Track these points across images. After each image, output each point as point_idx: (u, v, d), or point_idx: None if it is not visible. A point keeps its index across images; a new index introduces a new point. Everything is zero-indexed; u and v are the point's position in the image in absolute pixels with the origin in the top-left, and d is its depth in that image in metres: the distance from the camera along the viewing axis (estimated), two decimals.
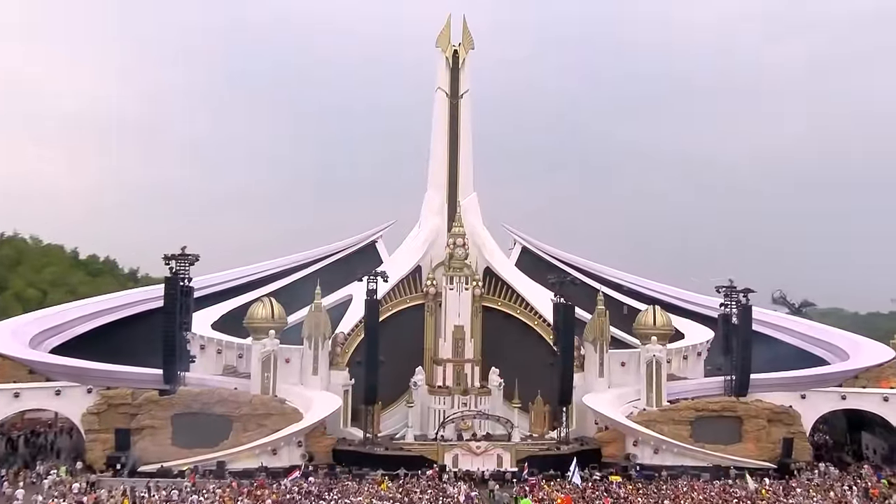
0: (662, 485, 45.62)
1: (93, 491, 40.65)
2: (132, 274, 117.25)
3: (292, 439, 48.90)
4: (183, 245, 49.53)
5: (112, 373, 48.49)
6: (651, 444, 50.91)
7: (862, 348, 56.75)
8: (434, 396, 54.61)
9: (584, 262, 64.29)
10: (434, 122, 62.94)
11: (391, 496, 40.68)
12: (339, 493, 40.74)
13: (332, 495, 40.31)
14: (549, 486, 44.00)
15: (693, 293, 65.21)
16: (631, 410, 53.16)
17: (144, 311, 56.86)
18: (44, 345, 50.26)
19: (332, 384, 53.88)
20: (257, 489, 41.56)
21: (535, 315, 58.83)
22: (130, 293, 60.41)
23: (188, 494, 39.67)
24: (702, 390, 54.51)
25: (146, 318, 56.25)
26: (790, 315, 79.37)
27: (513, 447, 49.82)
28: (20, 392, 48.08)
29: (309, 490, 41.47)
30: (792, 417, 52.69)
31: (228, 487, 42.04)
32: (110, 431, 47.86)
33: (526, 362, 57.48)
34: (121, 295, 59.62)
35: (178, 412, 48.34)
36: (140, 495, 39.26)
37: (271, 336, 51.70)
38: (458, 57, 62.15)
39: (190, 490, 40.66)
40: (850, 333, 60.34)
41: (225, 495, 39.83)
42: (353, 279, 60.60)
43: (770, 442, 51.83)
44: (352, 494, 40.61)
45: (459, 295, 56.50)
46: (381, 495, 40.90)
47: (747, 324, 53.36)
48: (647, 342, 54.08)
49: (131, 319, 56.45)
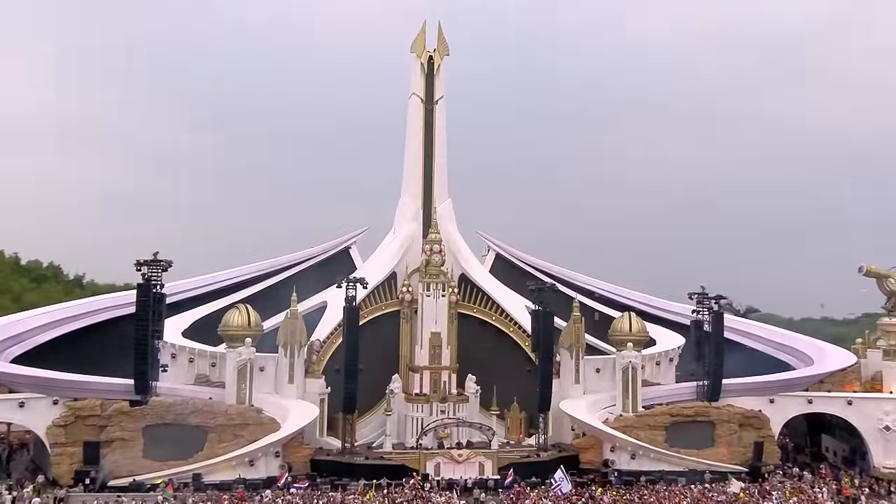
0: (643, 490, 46.28)
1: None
2: (78, 280, 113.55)
3: (270, 450, 47.62)
4: (155, 251, 47.96)
5: (80, 383, 46.51)
6: (628, 450, 51.34)
7: (826, 354, 58.57)
8: (411, 404, 53.98)
9: (557, 269, 64.59)
10: (408, 127, 62.45)
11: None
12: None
13: None
14: (536, 494, 44.10)
15: (663, 300, 66.40)
16: (606, 416, 53.65)
17: (109, 319, 54.95)
18: (4, 355, 47.82)
19: (308, 393, 52.67)
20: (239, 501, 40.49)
21: (510, 322, 58.85)
22: (94, 300, 57.96)
23: None
24: (675, 396, 55.27)
25: (110, 327, 54.55)
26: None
27: (494, 454, 49.57)
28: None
29: (291, 501, 40.57)
30: (762, 421, 53.90)
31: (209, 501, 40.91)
32: (78, 445, 45.69)
33: (501, 369, 57.46)
34: (84, 302, 57.19)
35: (150, 423, 46.57)
36: None
37: (247, 344, 50.37)
38: (433, 63, 61.93)
39: None
40: (814, 339, 62.18)
41: None
42: (326, 286, 59.82)
43: (741, 446, 52.91)
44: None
45: (436, 302, 56.02)
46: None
47: (719, 330, 54.49)
48: (622, 348, 54.60)
49: (95, 328, 54.28)
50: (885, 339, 59.37)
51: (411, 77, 62.68)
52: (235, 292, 59.47)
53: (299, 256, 62.98)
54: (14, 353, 48.36)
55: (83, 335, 53.36)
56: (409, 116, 62.54)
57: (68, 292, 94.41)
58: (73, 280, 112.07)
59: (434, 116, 61.85)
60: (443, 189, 61.69)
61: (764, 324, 67.66)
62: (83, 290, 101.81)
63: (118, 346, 50.64)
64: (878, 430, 54.00)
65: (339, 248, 64.16)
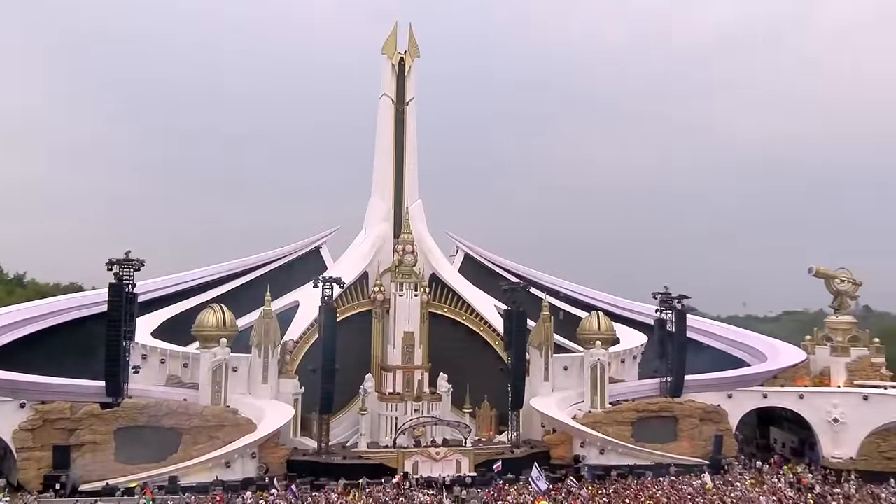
0: (616, 484, 47.49)
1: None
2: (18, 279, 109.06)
3: (246, 451, 46.95)
4: (128, 250, 46.67)
5: (48, 386, 44.96)
6: (597, 445, 52.55)
7: (779, 350, 61.00)
8: (385, 403, 53.96)
9: (524, 269, 65.51)
10: (379, 128, 62.24)
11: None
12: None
13: None
14: (516, 490, 44.76)
15: (624, 299, 68.09)
16: (575, 413, 54.73)
17: (71, 320, 53.15)
18: None
19: (282, 393, 52.13)
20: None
21: (480, 321, 59.40)
22: (54, 301, 55.88)
23: None
24: (639, 392, 56.81)
25: (73, 328, 52.76)
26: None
27: (471, 452, 50.03)
28: None
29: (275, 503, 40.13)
30: (721, 416, 55.94)
31: None
32: (46, 449, 44.18)
33: (471, 368, 57.78)
34: (45, 303, 55.06)
35: (122, 426, 45.37)
36: None
37: (223, 345, 49.49)
38: (404, 64, 61.94)
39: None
40: (766, 337, 64.71)
41: None
42: (298, 285, 59.31)
43: (702, 439, 54.79)
44: None
45: (409, 301, 56.00)
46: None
47: (682, 328, 56.30)
48: (590, 347, 55.85)
49: (55, 330, 52.35)
50: (833, 336, 62.37)
51: (381, 78, 62.55)
52: (204, 292, 58.35)
53: (269, 256, 62.13)
54: None
55: (44, 337, 51.42)
56: (379, 117, 62.31)
57: (10, 292, 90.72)
58: (14, 279, 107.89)
59: (405, 117, 61.90)
60: (413, 189, 61.75)
61: (720, 322, 70.00)
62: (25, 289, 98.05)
63: (81, 348, 49.40)
64: (826, 422, 56.57)
65: (310, 248, 63.51)
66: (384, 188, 61.68)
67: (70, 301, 54.52)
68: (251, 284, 59.63)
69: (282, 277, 59.78)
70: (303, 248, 63.44)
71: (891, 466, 55.54)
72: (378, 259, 59.91)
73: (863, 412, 56.02)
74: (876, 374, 60.91)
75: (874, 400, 56.39)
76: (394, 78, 61.85)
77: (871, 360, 61.32)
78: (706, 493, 44.96)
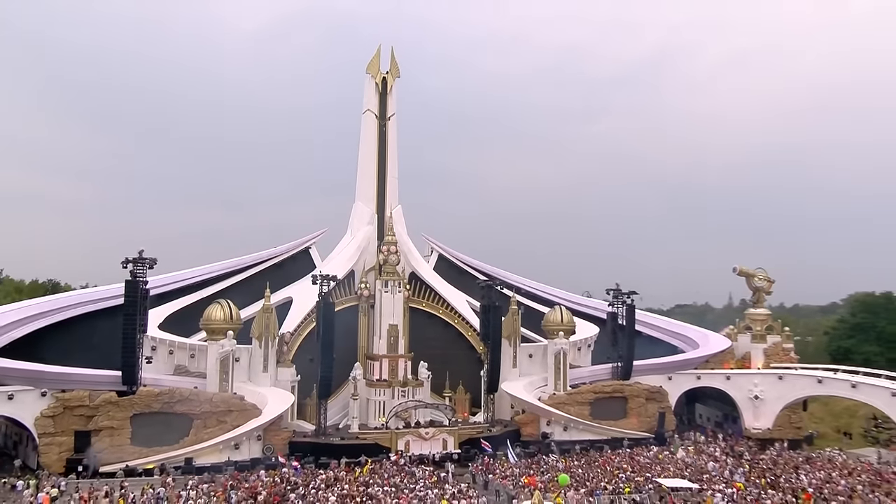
0: (585, 456, 49.92)
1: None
2: None
3: (253, 434, 47.30)
4: (140, 249, 46.31)
5: (68, 375, 44.26)
6: (561, 423, 55.10)
7: (709, 339, 65.01)
8: (373, 389, 54.90)
9: (490, 268, 67.40)
10: (363, 140, 62.87)
11: (370, 481, 40.81)
12: (324, 483, 40.11)
13: (318, 484, 39.69)
14: (500, 464, 46.52)
15: (576, 295, 71.01)
16: (540, 395, 57.06)
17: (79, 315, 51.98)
18: None
19: (280, 380, 52.46)
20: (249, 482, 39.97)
21: (455, 315, 60.99)
22: (59, 297, 54.55)
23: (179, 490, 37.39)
24: (595, 376, 59.60)
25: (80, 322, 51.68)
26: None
27: (455, 431, 51.60)
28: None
29: (295, 481, 40.48)
30: (663, 395, 59.32)
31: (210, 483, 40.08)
32: (66, 434, 43.55)
33: (447, 356, 59.22)
34: (51, 299, 53.69)
35: (137, 412, 45.00)
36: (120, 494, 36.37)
37: (229, 337, 49.48)
38: (386, 83, 62.92)
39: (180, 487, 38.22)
40: (698, 327, 68.75)
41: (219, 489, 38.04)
42: (289, 282, 59.67)
43: (648, 416, 57.99)
44: (336, 483, 40.18)
45: (393, 297, 57.08)
46: (363, 481, 40.87)
47: (631, 320, 59.44)
48: (554, 337, 58.31)
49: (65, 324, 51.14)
50: (752, 326, 66.96)
51: (365, 95, 63.34)
52: (202, 289, 57.92)
53: (263, 255, 61.93)
54: None
55: (54, 331, 50.14)
56: (363, 130, 62.94)
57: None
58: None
59: (387, 131, 62.87)
60: (394, 196, 62.70)
61: (659, 315, 73.69)
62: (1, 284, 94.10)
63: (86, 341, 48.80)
64: (749, 399, 60.96)
65: (300, 248, 63.66)
66: (367, 194, 62.44)
67: (75, 298, 53.24)
68: (246, 281, 59.50)
69: (275, 275, 59.77)
70: (294, 248, 63.49)
71: (799, 434, 60.41)
72: (364, 259, 60.66)
73: (778, 390, 60.53)
74: (787, 358, 65.92)
75: (787, 379, 61.01)
76: (377, 95, 62.65)
77: (782, 346, 66.25)
78: (660, 461, 47.79)
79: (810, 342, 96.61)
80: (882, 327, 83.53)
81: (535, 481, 39.52)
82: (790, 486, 39.58)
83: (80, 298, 53.07)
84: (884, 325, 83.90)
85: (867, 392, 56.38)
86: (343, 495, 36.66)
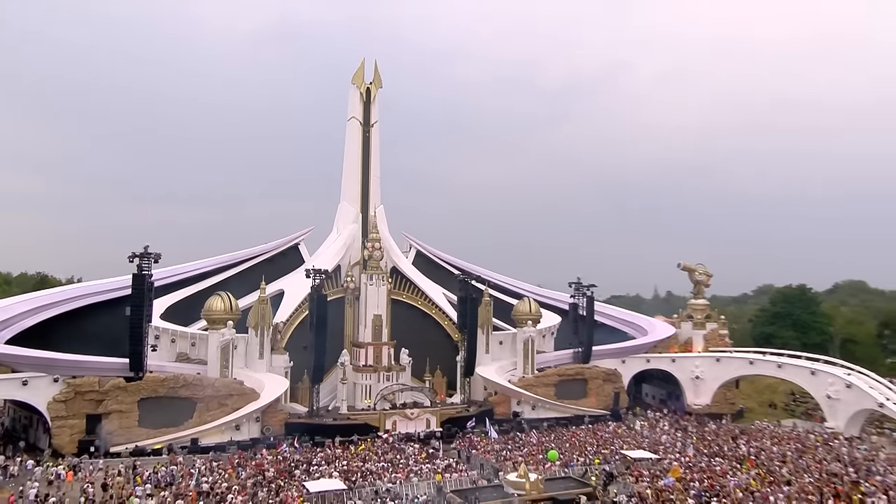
0: (553, 432, 52.15)
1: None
2: None
3: (252, 416, 47.84)
4: (146, 244, 46.26)
5: (79, 362, 44.02)
6: (530, 403, 57.26)
7: (656, 326, 68.22)
8: (359, 374, 55.87)
9: (463, 263, 68.91)
10: (347, 145, 63.59)
11: (366, 457, 42.02)
12: (324, 459, 41.07)
13: (319, 461, 40.58)
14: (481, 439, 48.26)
15: (538, 287, 73.26)
16: (510, 378, 59.09)
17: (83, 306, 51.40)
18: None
19: (274, 366, 53.01)
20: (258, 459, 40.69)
21: (432, 306, 62.38)
22: (66, 290, 53.77)
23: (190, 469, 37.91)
24: (558, 360, 61.98)
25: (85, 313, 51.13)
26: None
27: (437, 411, 53.11)
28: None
29: (298, 458, 41.35)
30: (617, 377, 62.18)
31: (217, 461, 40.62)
32: (77, 417, 43.31)
33: (426, 344, 60.54)
34: (56, 291, 52.88)
35: (144, 396, 45.06)
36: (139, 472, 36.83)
37: (229, 326, 49.81)
38: (370, 93, 63.71)
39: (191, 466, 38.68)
40: (645, 316, 71.96)
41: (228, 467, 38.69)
42: (280, 275, 60.05)
43: (605, 395, 60.69)
44: (336, 459, 41.21)
45: (377, 290, 58.17)
46: (361, 456, 42.07)
47: (591, 310, 62.11)
48: (523, 325, 60.40)
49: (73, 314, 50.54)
50: (693, 314, 70.54)
51: (349, 103, 64.01)
52: (199, 282, 57.80)
53: (255, 251, 62.01)
54: (5, 336, 44.20)
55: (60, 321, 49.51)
56: (347, 136, 63.67)
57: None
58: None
59: (371, 136, 63.72)
60: (377, 196, 63.68)
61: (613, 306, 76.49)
62: None
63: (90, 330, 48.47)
64: (690, 379, 64.41)
65: (290, 245, 63.96)
66: (352, 195, 63.21)
67: (79, 290, 52.63)
68: (240, 275, 59.57)
69: (266, 269, 59.96)
70: (284, 244, 63.72)
71: (733, 409, 64.12)
72: (349, 254, 61.46)
73: (715, 370, 64.08)
74: (722, 342, 69.79)
75: (724, 361, 64.65)
76: (361, 104, 63.45)
77: (719, 332, 70.08)
78: (619, 435, 50.44)
79: (736, 329, 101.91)
80: (797, 315, 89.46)
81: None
82: (733, 455, 42.64)
83: (84, 291, 52.39)
84: (799, 313, 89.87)
85: (791, 371, 60.56)
86: (344, 471, 37.90)
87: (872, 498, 31.79)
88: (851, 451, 44.52)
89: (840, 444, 47.19)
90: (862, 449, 46.05)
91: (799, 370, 59.92)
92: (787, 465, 39.67)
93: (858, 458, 42.44)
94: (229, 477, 36.63)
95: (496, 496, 33.29)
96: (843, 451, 44.29)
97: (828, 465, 39.66)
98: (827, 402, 55.92)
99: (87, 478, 35.69)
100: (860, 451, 45.22)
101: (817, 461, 40.81)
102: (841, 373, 56.79)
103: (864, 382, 54.96)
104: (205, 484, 34.79)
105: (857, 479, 35.79)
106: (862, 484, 34.34)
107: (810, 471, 37.84)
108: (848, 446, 46.52)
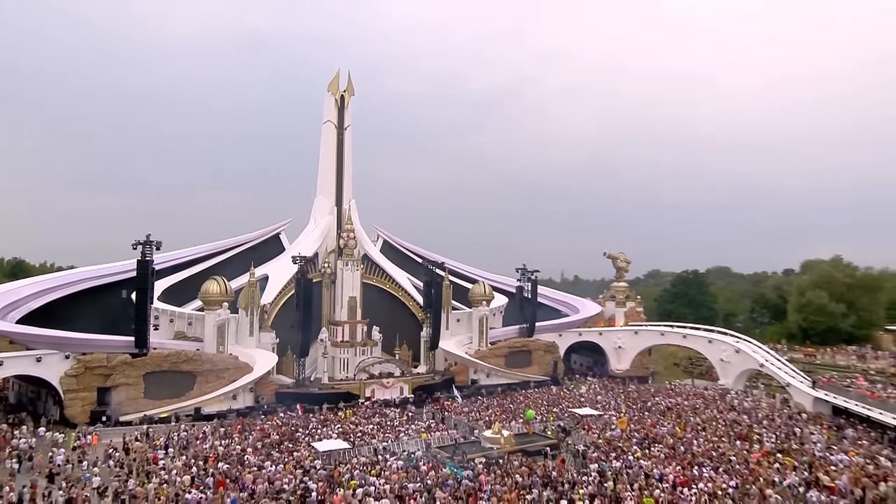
0: (506, 396, 55.25)
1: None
2: None
3: (247, 387, 48.35)
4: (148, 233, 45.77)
5: (89, 340, 43.42)
6: (485, 372, 60.21)
7: (586, 305, 72.60)
8: (337, 348, 57.07)
9: (423, 251, 70.71)
10: (323, 146, 64.01)
11: (356, 421, 43.53)
12: (319, 424, 42.25)
13: (316, 424, 41.88)
14: (451, 403, 50.66)
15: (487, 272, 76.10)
16: (467, 350, 61.79)
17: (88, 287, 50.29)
18: (7, 318, 42.40)
19: (262, 343, 53.49)
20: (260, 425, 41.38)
21: (399, 288, 64.09)
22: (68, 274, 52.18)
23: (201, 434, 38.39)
24: (507, 335, 64.98)
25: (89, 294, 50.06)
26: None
27: (410, 380, 55.12)
28: (3, 360, 40.26)
29: (296, 424, 42.38)
30: (555, 348, 65.92)
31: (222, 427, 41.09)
32: (87, 390, 42.75)
33: (393, 321, 62.40)
34: (64, 275, 51.32)
35: (148, 371, 44.86)
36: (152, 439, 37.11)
37: (224, 307, 49.94)
38: (343, 100, 64.22)
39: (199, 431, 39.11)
40: (577, 297, 76.25)
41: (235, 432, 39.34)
42: (264, 261, 60.13)
43: (545, 364, 64.34)
44: (330, 423, 42.45)
45: (352, 275, 59.38)
46: (352, 420, 43.51)
47: (535, 292, 65.59)
48: (478, 305, 63.14)
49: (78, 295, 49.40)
50: (616, 295, 75.47)
51: (325, 108, 64.31)
52: (189, 267, 57.15)
53: (240, 240, 61.68)
54: (15, 316, 42.92)
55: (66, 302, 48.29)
56: (323, 137, 64.02)
57: None
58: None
59: (344, 138, 64.34)
60: (349, 191, 64.55)
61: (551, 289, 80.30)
62: None
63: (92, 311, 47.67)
64: (614, 349, 69.05)
65: (271, 235, 63.91)
66: (327, 190, 63.78)
67: (84, 274, 51.17)
68: (227, 262, 59.25)
69: (251, 256, 59.78)
70: (266, 234, 63.63)
71: (647, 373, 69.23)
72: (326, 243, 62.16)
73: (634, 341, 68.82)
74: (638, 318, 75.02)
75: (641, 333, 69.37)
76: (336, 109, 63.92)
77: (636, 310, 75.32)
78: (563, 396, 54.10)
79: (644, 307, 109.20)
80: (692, 295, 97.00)
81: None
82: (656, 409, 46.99)
83: (86, 275, 51.00)
84: (693, 294, 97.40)
85: (692, 341, 65.96)
86: (341, 432, 39.45)
87: (763, 438, 36.48)
88: (741, 403, 49.74)
89: (732, 398, 52.51)
90: (749, 401, 51.52)
91: (699, 340, 65.41)
92: (698, 416, 44.17)
93: (747, 407, 47.64)
94: (240, 440, 37.44)
95: (476, 450, 35.76)
96: (735, 403, 49.43)
97: (727, 413, 44.51)
98: (720, 365, 61.51)
99: (111, 443, 35.68)
100: (747, 402, 50.58)
101: (720, 411, 45.60)
102: (731, 341, 62.53)
103: (749, 348, 60.77)
104: (220, 447, 35.53)
105: (751, 423, 40.70)
106: (755, 427, 39.18)
107: (716, 419, 42.47)
108: (738, 399, 51.94)
